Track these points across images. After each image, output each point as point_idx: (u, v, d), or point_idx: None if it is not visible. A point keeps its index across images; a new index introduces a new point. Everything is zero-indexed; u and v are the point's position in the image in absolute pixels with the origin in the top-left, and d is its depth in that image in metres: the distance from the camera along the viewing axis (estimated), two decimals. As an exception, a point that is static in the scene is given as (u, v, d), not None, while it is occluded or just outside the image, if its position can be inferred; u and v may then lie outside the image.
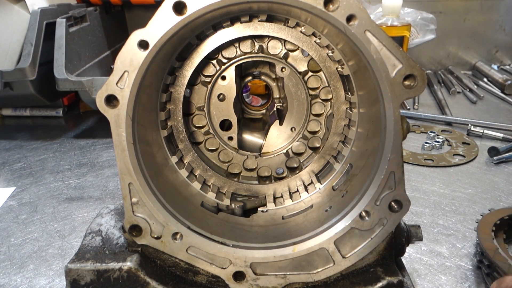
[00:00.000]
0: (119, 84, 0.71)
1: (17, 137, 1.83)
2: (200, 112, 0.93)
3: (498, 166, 1.48)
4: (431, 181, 1.39)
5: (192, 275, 0.82)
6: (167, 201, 0.80)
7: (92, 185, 1.41)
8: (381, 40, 0.67)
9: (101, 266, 0.80)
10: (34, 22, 1.61)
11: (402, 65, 0.68)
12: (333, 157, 0.92)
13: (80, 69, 1.67)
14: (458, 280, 0.98)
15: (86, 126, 1.94)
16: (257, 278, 0.80)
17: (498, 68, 2.56)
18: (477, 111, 2.02)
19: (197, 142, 0.95)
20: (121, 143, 0.74)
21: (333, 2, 0.66)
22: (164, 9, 0.67)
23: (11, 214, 1.27)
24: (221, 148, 0.96)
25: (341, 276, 0.80)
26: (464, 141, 1.65)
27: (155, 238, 0.79)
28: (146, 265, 0.81)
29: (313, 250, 0.78)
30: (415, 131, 1.77)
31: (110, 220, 0.90)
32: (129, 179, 0.76)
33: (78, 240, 1.13)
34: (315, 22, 0.78)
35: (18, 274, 1.02)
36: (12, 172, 1.52)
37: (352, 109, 0.87)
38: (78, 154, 1.65)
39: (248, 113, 1.06)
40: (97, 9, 1.94)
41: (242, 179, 0.96)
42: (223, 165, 0.96)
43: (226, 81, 0.91)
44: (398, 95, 0.69)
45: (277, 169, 0.97)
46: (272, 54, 0.89)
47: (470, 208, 1.24)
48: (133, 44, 0.69)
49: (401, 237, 0.81)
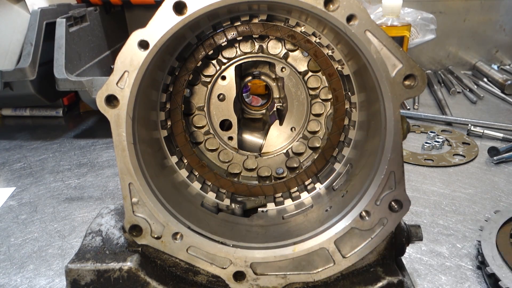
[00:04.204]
0: (119, 84, 0.71)
1: (17, 137, 1.83)
2: (200, 112, 0.93)
3: (498, 166, 1.48)
4: (431, 181, 1.39)
5: (192, 275, 0.82)
6: (167, 201, 0.80)
7: (92, 185, 1.41)
8: (381, 40, 0.67)
9: (101, 266, 0.80)
10: (34, 22, 1.61)
11: (402, 65, 0.68)
12: (333, 157, 0.92)
13: (80, 69, 1.67)
14: (458, 280, 0.98)
15: (86, 126, 1.94)
16: (257, 278, 0.80)
17: (498, 68, 2.56)
18: (477, 111, 2.02)
19: (197, 142, 0.95)
20: (121, 143, 0.74)
21: (333, 2, 0.66)
22: (164, 9, 0.67)
23: (11, 214, 1.27)
24: (221, 148, 0.96)
25: (341, 276, 0.80)
26: (464, 141, 1.65)
27: (155, 238, 0.79)
28: (146, 265, 0.81)
29: (313, 250, 0.78)
30: (415, 131, 1.77)
31: (110, 220, 0.90)
32: (129, 179, 0.76)
33: (78, 240, 1.13)
34: (315, 22, 0.78)
35: (18, 274, 1.02)
36: (12, 172, 1.52)
37: (352, 109, 0.87)
38: (78, 154, 1.65)
39: (248, 113, 1.06)
40: (97, 9, 1.94)
41: (242, 179, 0.96)
42: (223, 165, 0.96)
43: (226, 81, 0.91)
44: (398, 95, 0.69)
45: (277, 169, 0.97)
46: (272, 54, 0.89)
47: (470, 208, 1.24)
48: (133, 44, 0.69)
49: (401, 237, 0.81)
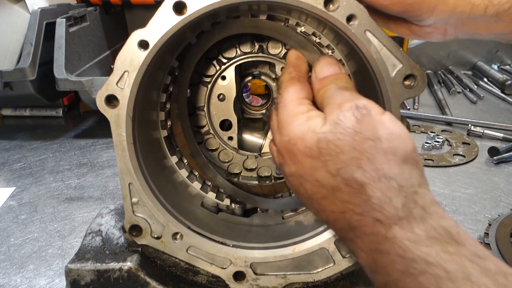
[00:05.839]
0: (119, 84, 0.71)
1: (17, 137, 1.83)
2: (200, 112, 0.93)
3: (498, 166, 1.48)
4: (431, 181, 1.38)
5: (192, 275, 0.82)
6: (167, 201, 0.80)
7: (92, 185, 1.41)
8: (381, 40, 0.67)
9: (101, 266, 0.80)
10: (34, 22, 1.61)
11: (402, 65, 0.68)
12: (333, 157, 0.92)
13: (80, 69, 1.67)
14: (458, 280, 0.97)
15: (86, 126, 1.94)
16: (257, 278, 0.80)
17: (498, 68, 2.56)
18: (477, 111, 2.02)
19: (197, 142, 0.95)
20: (121, 143, 0.74)
21: (333, 2, 0.66)
22: (164, 9, 0.67)
23: (11, 214, 1.27)
24: (221, 148, 0.96)
25: (341, 276, 0.80)
26: (464, 141, 1.65)
27: (155, 238, 0.79)
28: (146, 265, 0.81)
29: (313, 250, 0.78)
30: (415, 131, 1.77)
31: (110, 220, 0.90)
32: (129, 179, 0.76)
33: (78, 240, 1.13)
34: (315, 22, 0.78)
35: (18, 274, 1.02)
36: (12, 172, 1.52)
37: (352, 109, 0.87)
38: (78, 154, 1.65)
39: (248, 113, 1.06)
40: (97, 9, 1.93)
41: (242, 179, 0.96)
42: (223, 165, 0.96)
43: (226, 81, 0.91)
44: (398, 95, 0.69)
45: (277, 169, 0.97)
46: (272, 54, 0.89)
47: (470, 208, 1.24)
48: (133, 44, 0.69)
49: (401, 237, 0.81)
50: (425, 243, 0.47)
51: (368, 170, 0.52)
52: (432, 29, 0.71)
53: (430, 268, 0.46)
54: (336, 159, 0.54)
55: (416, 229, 0.49)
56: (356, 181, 0.52)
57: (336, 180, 0.54)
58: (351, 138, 0.54)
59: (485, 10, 0.65)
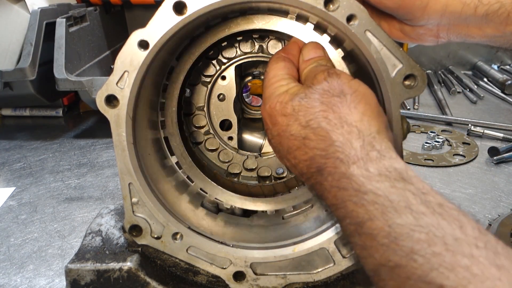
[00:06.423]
0: (119, 84, 0.71)
1: (17, 137, 1.83)
2: (200, 112, 0.93)
3: (498, 166, 1.48)
4: (431, 181, 1.39)
5: (192, 275, 0.82)
6: (167, 201, 0.80)
7: (92, 185, 1.41)
8: (381, 40, 0.67)
9: (101, 266, 0.80)
10: (34, 22, 1.61)
11: (402, 65, 0.68)
12: (333, 157, 0.92)
13: (80, 69, 1.67)
14: (458, 280, 0.97)
15: (86, 126, 1.94)
16: (257, 278, 0.80)
17: (498, 68, 2.55)
18: (477, 111, 2.01)
19: (197, 142, 0.95)
20: (121, 143, 0.74)
21: (333, 2, 0.66)
22: (164, 9, 0.67)
23: (11, 214, 1.27)
24: (221, 148, 0.96)
25: (341, 276, 0.80)
26: (464, 141, 1.65)
27: (155, 238, 0.79)
28: (146, 265, 0.81)
29: (313, 250, 0.78)
30: (415, 131, 1.77)
31: (110, 220, 0.90)
32: (129, 179, 0.76)
33: (78, 240, 1.13)
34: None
35: (18, 274, 1.02)
36: (12, 172, 1.52)
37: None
38: (78, 154, 1.65)
39: (248, 113, 1.06)
40: (97, 9, 1.93)
41: (242, 179, 0.96)
42: (223, 165, 0.96)
43: (226, 81, 0.91)
44: (398, 95, 0.69)
45: (277, 169, 0.97)
46: (272, 54, 0.89)
47: (470, 208, 1.24)
48: (133, 44, 0.69)
49: (401, 237, 0.81)
50: (376, 179, 0.55)
51: (332, 119, 0.60)
52: (424, 30, 0.73)
53: (378, 199, 0.53)
54: (307, 112, 0.62)
55: (371, 168, 0.56)
56: (323, 129, 0.60)
57: (306, 130, 0.61)
58: (320, 96, 0.62)
59: (475, 9, 0.66)
